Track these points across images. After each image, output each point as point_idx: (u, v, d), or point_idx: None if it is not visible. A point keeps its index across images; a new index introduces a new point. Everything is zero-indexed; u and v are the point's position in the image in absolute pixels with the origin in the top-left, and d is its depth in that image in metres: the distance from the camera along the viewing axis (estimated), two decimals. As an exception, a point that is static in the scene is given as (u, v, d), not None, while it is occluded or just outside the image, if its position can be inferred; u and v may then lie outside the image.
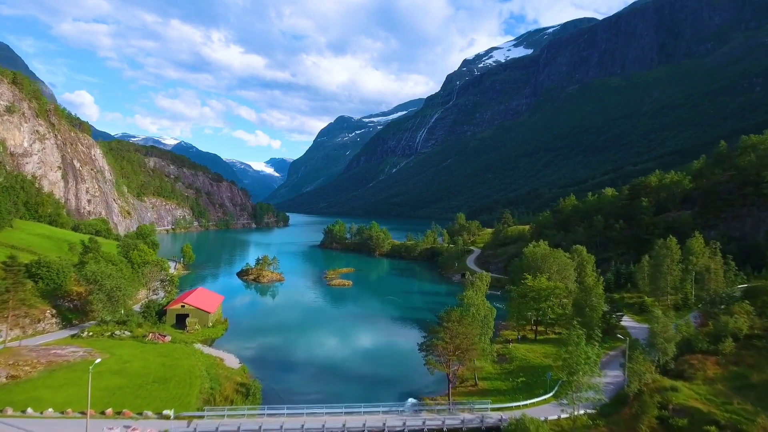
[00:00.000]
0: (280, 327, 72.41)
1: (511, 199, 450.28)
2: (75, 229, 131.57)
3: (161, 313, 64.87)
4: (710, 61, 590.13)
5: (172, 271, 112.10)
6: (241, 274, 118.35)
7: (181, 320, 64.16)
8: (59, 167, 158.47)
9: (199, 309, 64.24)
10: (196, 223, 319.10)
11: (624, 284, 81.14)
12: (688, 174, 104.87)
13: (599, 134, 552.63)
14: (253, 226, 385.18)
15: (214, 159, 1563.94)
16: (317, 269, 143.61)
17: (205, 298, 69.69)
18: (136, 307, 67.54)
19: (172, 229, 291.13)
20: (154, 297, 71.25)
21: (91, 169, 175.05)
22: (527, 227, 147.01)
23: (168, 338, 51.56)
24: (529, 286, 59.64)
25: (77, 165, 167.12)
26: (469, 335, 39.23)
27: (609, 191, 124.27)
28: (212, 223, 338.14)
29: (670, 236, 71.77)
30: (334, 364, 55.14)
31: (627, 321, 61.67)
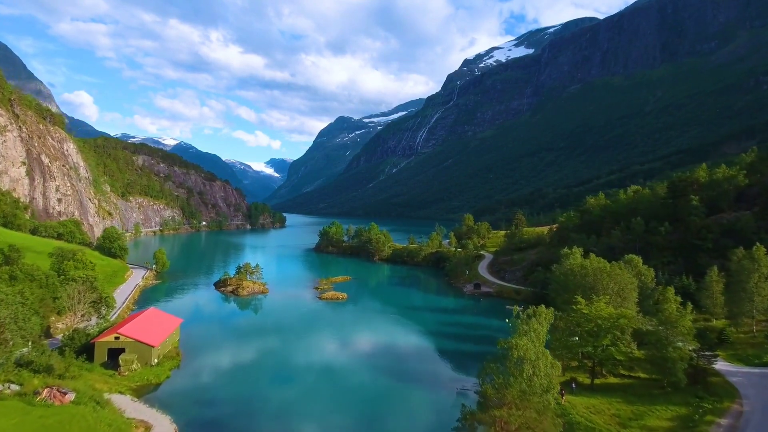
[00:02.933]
0: (248, 362, 55.80)
1: (513, 199, 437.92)
2: (33, 231, 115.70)
3: (89, 348, 48.68)
4: (715, 60, 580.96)
5: (138, 281, 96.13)
6: (219, 285, 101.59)
7: (115, 356, 48.15)
8: (23, 162, 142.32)
9: (138, 342, 47.84)
10: (186, 225, 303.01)
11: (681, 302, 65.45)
12: (741, 168, 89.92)
13: (602, 134, 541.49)
14: (248, 227, 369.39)
15: (214, 159, 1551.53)
16: (309, 277, 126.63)
17: (152, 324, 53.28)
18: (55, 341, 51.98)
19: (160, 230, 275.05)
20: (85, 324, 54.63)
21: (63, 166, 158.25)
22: (545, 229, 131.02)
23: (70, 396, 35.53)
24: (584, 314, 43.67)
25: (45, 160, 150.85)
26: (537, 427, 23.25)
27: (634, 188, 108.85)
28: (204, 224, 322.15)
29: (757, 244, 56.43)
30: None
31: (719, 363, 44.58)
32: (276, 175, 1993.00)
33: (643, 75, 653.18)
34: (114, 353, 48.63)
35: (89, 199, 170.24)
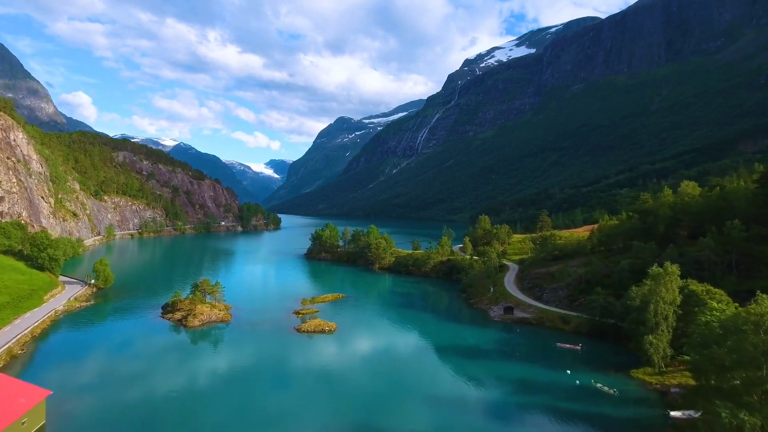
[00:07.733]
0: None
1: (518, 199, 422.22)
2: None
3: None
4: (721, 58, 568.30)
5: (58, 305, 75.28)
6: (167, 310, 78.20)
7: None
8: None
9: None
10: (169, 227, 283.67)
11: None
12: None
13: (607, 133, 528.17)
14: (239, 229, 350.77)
15: (214, 160, 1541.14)
16: (291, 294, 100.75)
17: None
18: None
19: (139, 233, 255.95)
20: None
21: (8, 158, 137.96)
22: (583, 233, 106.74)
23: None
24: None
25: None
26: None
27: (695, 184, 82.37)
28: (190, 226, 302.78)
29: None
30: None
31: None
32: (276, 176, 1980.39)
33: (647, 74, 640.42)
34: None
35: (42, 197, 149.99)
